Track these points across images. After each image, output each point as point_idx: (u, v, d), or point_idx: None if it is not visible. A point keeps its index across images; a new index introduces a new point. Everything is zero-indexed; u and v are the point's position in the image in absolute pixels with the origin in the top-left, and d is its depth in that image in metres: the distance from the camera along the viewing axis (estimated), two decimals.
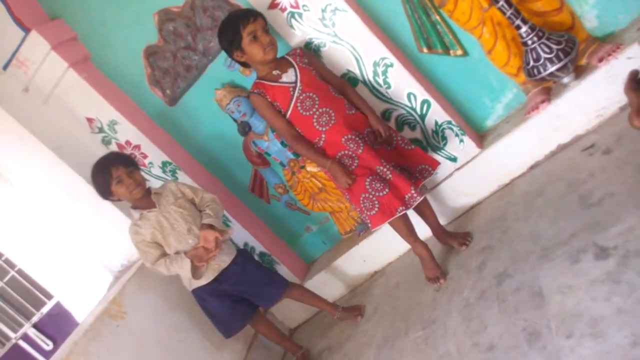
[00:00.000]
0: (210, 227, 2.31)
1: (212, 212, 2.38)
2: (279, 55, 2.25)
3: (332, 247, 3.06)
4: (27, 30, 2.62)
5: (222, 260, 2.42)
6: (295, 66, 2.22)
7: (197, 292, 2.45)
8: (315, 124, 2.19)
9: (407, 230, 2.27)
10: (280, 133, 2.28)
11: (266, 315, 2.85)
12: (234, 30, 2.14)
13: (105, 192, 2.33)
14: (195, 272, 2.33)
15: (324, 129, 2.18)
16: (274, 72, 2.20)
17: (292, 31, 2.35)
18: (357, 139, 2.16)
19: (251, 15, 2.14)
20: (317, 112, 2.18)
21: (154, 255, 2.33)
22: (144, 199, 2.37)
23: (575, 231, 1.79)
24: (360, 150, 2.15)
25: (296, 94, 2.18)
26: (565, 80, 2.15)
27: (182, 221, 2.34)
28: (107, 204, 2.71)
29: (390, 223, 2.19)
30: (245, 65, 2.29)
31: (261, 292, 2.52)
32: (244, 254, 2.55)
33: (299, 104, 2.18)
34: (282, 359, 2.88)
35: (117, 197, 2.35)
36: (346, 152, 2.18)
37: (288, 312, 2.91)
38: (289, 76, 2.20)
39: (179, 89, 2.81)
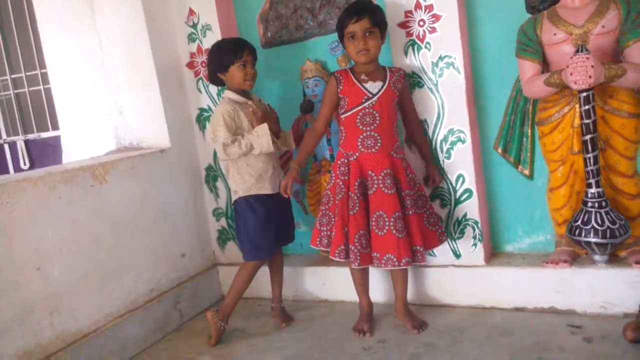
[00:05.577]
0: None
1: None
2: (387, 64, 2.31)
3: (305, 254, 3.05)
4: None
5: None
6: (387, 83, 2.22)
7: (249, 200, 2.43)
8: (359, 139, 2.21)
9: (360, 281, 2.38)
10: (317, 118, 2.34)
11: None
12: (340, 25, 2.20)
13: (223, 66, 2.40)
14: (276, 141, 2.39)
15: (363, 150, 2.21)
16: (362, 77, 2.22)
17: (402, 55, 2.38)
18: (378, 180, 2.18)
19: (356, 14, 2.11)
20: (369, 132, 2.20)
21: (231, 137, 2.36)
22: (245, 93, 2.47)
23: None
24: (371, 191, 2.18)
25: (365, 104, 2.20)
26: (597, 258, 2.13)
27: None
28: (155, 82, 2.78)
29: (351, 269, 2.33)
30: None
31: (283, 230, 2.57)
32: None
33: (360, 114, 2.20)
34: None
35: (223, 77, 2.43)
36: (364, 181, 2.21)
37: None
38: (374, 86, 2.21)
39: (279, 38, 2.86)
